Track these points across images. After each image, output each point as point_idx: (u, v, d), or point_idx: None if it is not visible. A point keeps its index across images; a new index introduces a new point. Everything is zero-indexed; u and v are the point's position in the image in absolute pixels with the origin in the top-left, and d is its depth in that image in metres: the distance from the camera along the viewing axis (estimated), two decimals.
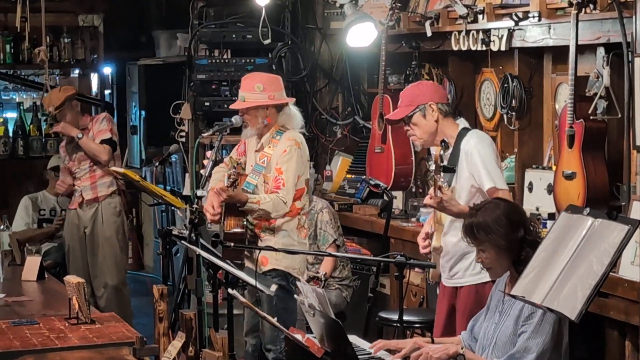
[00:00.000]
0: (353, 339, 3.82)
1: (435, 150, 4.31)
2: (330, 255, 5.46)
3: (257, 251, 4.81)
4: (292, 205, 4.92)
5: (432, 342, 3.80)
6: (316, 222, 5.92)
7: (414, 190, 6.26)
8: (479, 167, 4.33)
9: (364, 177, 6.33)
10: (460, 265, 4.42)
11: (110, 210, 6.51)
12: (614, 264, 3.13)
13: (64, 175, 6.60)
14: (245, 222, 4.88)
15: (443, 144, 4.28)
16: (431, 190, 4.20)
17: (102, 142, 6.42)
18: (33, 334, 4.21)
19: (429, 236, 4.53)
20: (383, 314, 5.35)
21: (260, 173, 4.93)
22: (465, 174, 4.37)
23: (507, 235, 3.59)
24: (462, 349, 3.63)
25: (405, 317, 4.33)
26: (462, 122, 4.54)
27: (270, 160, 4.91)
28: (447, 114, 4.49)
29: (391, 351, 3.75)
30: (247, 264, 4.97)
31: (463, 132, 4.46)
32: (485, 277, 4.12)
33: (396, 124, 4.75)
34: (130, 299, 6.71)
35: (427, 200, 4.27)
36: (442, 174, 4.16)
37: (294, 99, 5.18)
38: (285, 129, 4.96)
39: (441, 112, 4.46)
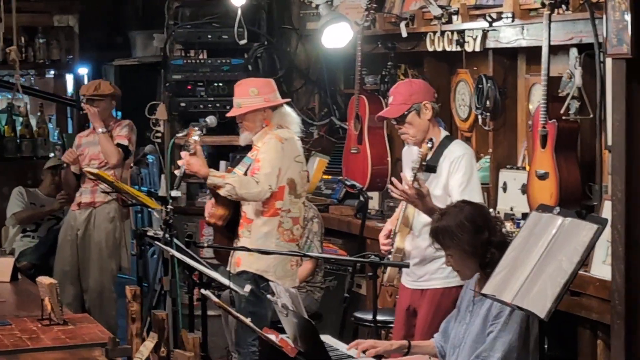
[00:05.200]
0: (326, 338, 3.83)
1: (423, 148, 4.29)
2: (305, 255, 5.42)
3: (233, 251, 4.80)
4: (270, 204, 4.84)
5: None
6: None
7: (390, 191, 6.25)
8: (459, 178, 4.36)
9: (340, 177, 6.33)
10: (428, 268, 4.44)
11: (103, 216, 6.57)
12: (584, 262, 3.15)
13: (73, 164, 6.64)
14: (229, 214, 4.84)
15: (430, 143, 4.28)
16: (408, 181, 4.20)
17: (117, 146, 6.51)
18: (5, 335, 4.20)
19: (390, 235, 4.54)
20: (358, 314, 5.36)
21: (247, 165, 4.90)
22: (443, 182, 4.39)
23: (470, 239, 3.61)
24: (429, 359, 3.68)
25: (379, 317, 4.36)
26: (443, 130, 4.59)
27: (258, 153, 4.88)
28: (437, 113, 4.54)
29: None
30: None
31: (446, 141, 4.49)
32: (452, 281, 4.15)
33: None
34: (116, 304, 6.69)
35: (398, 189, 4.24)
36: (423, 172, 4.17)
37: (289, 100, 5.15)
38: (281, 128, 4.93)
39: (433, 110, 4.50)
